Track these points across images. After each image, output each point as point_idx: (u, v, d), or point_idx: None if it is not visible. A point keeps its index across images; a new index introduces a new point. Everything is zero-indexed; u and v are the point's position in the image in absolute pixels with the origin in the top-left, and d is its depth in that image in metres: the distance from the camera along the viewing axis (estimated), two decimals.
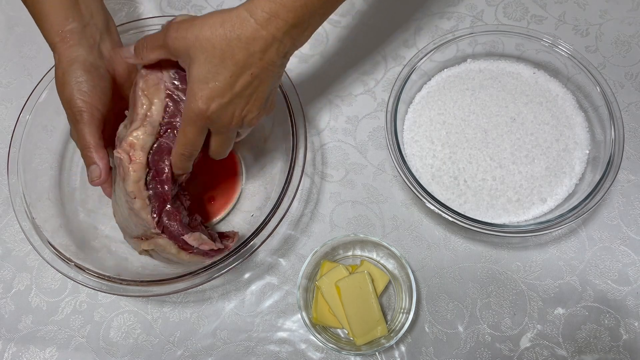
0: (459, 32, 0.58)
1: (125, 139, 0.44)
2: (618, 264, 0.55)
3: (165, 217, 0.46)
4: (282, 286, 0.56)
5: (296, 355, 0.54)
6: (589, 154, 0.56)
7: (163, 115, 0.44)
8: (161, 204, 0.46)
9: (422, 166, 0.57)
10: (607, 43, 0.64)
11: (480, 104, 0.58)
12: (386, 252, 0.53)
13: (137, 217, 0.45)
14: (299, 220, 0.59)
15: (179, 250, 0.47)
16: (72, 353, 0.55)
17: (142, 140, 0.44)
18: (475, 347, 0.53)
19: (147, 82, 0.44)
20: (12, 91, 0.66)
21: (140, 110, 0.44)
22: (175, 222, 0.46)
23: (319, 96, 0.63)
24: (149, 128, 0.44)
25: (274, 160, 0.59)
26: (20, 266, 0.58)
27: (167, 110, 0.44)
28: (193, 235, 0.47)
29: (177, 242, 0.47)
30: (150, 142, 0.44)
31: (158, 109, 0.44)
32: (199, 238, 0.47)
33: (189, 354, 0.54)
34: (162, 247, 0.46)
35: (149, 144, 0.44)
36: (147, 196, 0.45)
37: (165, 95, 0.44)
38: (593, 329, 0.53)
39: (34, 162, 0.56)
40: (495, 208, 0.54)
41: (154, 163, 0.45)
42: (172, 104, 0.45)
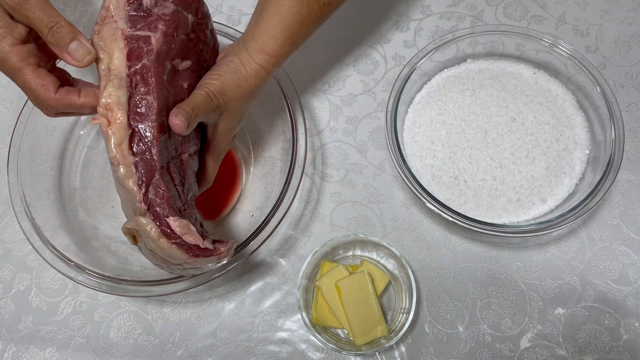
0: (459, 32, 0.58)
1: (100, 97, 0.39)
2: (618, 264, 0.55)
3: (153, 191, 0.40)
4: (282, 286, 0.56)
5: (296, 356, 0.54)
6: (589, 154, 0.56)
7: (127, 64, 0.40)
8: (149, 174, 0.40)
9: (422, 166, 0.57)
10: (607, 43, 0.64)
11: (480, 104, 0.58)
12: (386, 252, 0.53)
13: (123, 189, 0.40)
14: (299, 220, 0.59)
15: (160, 235, 0.39)
16: (72, 353, 0.55)
17: (115, 96, 0.39)
18: (476, 347, 0.53)
19: (101, 36, 0.40)
20: (12, 91, 0.66)
21: (102, 66, 0.40)
22: (163, 201, 0.39)
23: (318, 96, 0.63)
24: (115, 81, 0.39)
25: (274, 160, 0.59)
26: (20, 266, 0.58)
27: (130, 56, 0.40)
28: (179, 221, 0.40)
29: (160, 224, 0.39)
30: (124, 97, 0.39)
31: (119, 59, 0.40)
32: (186, 226, 0.40)
33: (189, 354, 0.54)
34: (143, 227, 0.39)
35: (124, 99, 0.39)
36: (132, 162, 0.39)
37: (124, 42, 0.40)
38: (593, 329, 0.53)
39: (34, 162, 0.56)
40: (496, 208, 0.54)
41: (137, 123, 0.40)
42: (134, 47, 0.40)
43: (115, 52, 0.40)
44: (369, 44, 0.66)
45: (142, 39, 0.41)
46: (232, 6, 0.69)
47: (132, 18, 0.41)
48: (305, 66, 0.65)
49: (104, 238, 0.56)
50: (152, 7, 0.42)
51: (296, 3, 0.45)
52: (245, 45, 0.46)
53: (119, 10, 0.41)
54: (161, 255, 0.41)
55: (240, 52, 0.46)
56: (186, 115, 0.41)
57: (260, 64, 0.46)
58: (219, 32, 0.56)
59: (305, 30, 0.47)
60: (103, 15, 0.41)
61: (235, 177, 0.59)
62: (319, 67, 0.65)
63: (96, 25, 0.41)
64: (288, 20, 0.45)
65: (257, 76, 0.46)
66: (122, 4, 0.41)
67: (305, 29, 0.47)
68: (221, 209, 0.58)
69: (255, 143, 0.61)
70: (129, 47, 0.40)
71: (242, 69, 0.45)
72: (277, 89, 0.55)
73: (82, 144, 0.61)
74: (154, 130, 0.40)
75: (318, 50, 0.65)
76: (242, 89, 0.45)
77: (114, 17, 0.41)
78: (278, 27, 0.45)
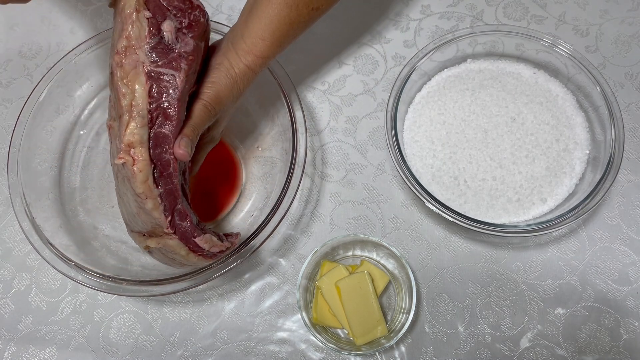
0: (459, 32, 0.58)
1: (121, 139, 0.41)
2: (618, 264, 0.55)
3: (177, 216, 0.44)
4: (282, 286, 0.56)
5: (296, 356, 0.54)
6: (589, 154, 0.56)
7: (149, 101, 0.41)
8: (172, 202, 0.43)
9: (422, 166, 0.57)
10: (607, 43, 0.64)
11: (480, 104, 0.58)
12: (386, 252, 0.53)
13: (148, 216, 0.43)
14: (299, 220, 0.59)
15: (188, 252, 0.45)
16: (72, 353, 0.55)
17: (138, 134, 0.41)
18: (476, 347, 0.53)
19: (123, 69, 0.41)
20: (12, 91, 0.66)
21: (124, 102, 0.41)
22: (187, 222, 0.44)
23: (319, 96, 0.63)
24: (138, 119, 0.41)
25: (274, 160, 0.59)
26: (20, 266, 0.58)
27: (151, 93, 0.41)
28: (204, 238, 0.45)
29: (188, 244, 0.44)
30: (146, 134, 0.41)
31: (142, 96, 0.41)
32: (210, 240, 0.45)
33: (189, 354, 0.54)
34: (172, 248, 0.44)
35: (145, 137, 0.41)
36: (158, 194, 0.42)
37: (146, 77, 0.41)
38: (593, 329, 0.53)
39: (34, 162, 0.56)
40: (496, 208, 0.54)
41: (157, 157, 0.42)
42: (156, 84, 0.41)
43: (137, 88, 0.41)
44: (369, 44, 0.66)
45: (165, 78, 0.42)
46: (232, 6, 0.69)
47: (153, 51, 0.42)
48: (305, 66, 0.65)
49: (104, 238, 0.56)
50: (173, 42, 0.43)
51: (285, 7, 0.46)
52: (233, 46, 0.47)
53: (140, 41, 0.41)
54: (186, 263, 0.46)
55: (228, 52, 0.47)
56: (189, 142, 0.43)
57: (248, 65, 0.46)
58: (218, 32, 0.57)
59: (293, 33, 0.48)
60: (124, 45, 0.41)
61: (235, 177, 0.59)
62: (319, 67, 0.65)
63: (117, 56, 0.41)
64: (277, 23, 0.46)
65: (245, 77, 0.47)
66: (144, 36, 0.41)
67: (293, 32, 0.48)
68: (221, 209, 0.58)
69: (255, 143, 0.61)
70: (151, 83, 0.41)
71: (232, 71, 0.46)
72: (277, 89, 0.55)
73: (82, 144, 0.61)
74: (174, 163, 0.42)
75: (318, 50, 0.65)
76: (234, 92, 0.47)
77: (134, 48, 0.41)
78: (267, 29, 0.46)
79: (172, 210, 0.43)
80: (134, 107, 0.41)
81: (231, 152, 0.60)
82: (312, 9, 0.47)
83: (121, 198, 0.46)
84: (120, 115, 0.41)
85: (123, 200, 0.45)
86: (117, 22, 0.42)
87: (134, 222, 0.46)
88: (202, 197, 0.58)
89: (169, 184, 0.43)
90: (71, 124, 0.61)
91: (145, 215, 0.43)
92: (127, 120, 0.41)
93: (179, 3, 0.42)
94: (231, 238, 0.48)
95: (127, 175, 0.42)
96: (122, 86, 0.41)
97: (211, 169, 0.59)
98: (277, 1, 0.46)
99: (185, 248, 0.44)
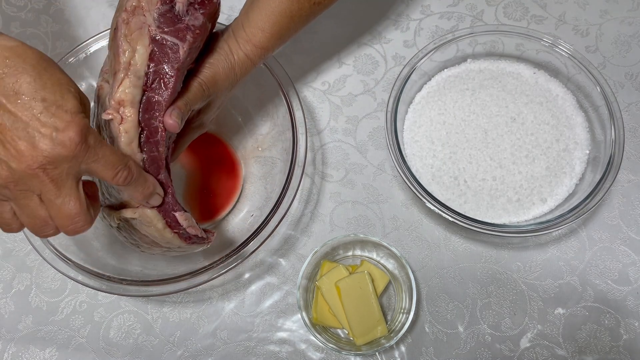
0: (459, 32, 0.58)
1: (112, 95, 0.39)
2: (618, 264, 0.55)
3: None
4: (282, 286, 0.56)
5: (296, 356, 0.54)
6: (589, 154, 0.56)
7: (148, 63, 0.40)
8: (155, 170, 0.41)
9: (422, 166, 0.57)
10: (607, 43, 0.64)
11: (480, 104, 0.58)
12: (386, 252, 0.53)
13: None
14: (299, 220, 0.59)
15: (165, 226, 0.42)
16: (72, 353, 0.55)
17: (131, 94, 0.39)
18: (476, 347, 0.53)
19: (129, 27, 0.40)
20: None
21: (123, 59, 0.39)
22: (169, 196, 0.42)
23: (319, 96, 0.63)
24: (133, 79, 0.39)
25: (274, 160, 0.59)
26: (20, 266, 0.58)
27: (152, 57, 0.40)
28: (184, 215, 0.43)
29: (166, 216, 0.42)
30: (138, 96, 0.40)
31: (142, 57, 0.40)
32: (189, 219, 0.44)
33: (189, 354, 0.54)
34: (149, 219, 0.42)
35: (137, 98, 0.40)
36: (141, 159, 0.40)
37: (150, 40, 0.40)
38: (593, 329, 0.53)
39: None
40: (496, 208, 0.54)
41: (146, 121, 0.40)
42: (158, 49, 0.40)
43: (139, 48, 0.40)
44: (369, 44, 0.66)
45: (168, 45, 0.41)
46: (232, 6, 0.69)
47: (162, 17, 0.41)
48: (305, 66, 0.65)
49: (103, 238, 0.56)
50: (183, 14, 0.42)
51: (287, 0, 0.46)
52: (234, 34, 0.47)
53: (150, 5, 0.40)
54: (159, 241, 0.43)
55: (229, 39, 0.47)
56: (180, 114, 0.42)
57: (247, 54, 0.46)
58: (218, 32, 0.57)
59: (293, 27, 0.48)
60: (134, 4, 0.40)
61: (235, 177, 0.59)
62: (319, 67, 0.65)
63: (124, 13, 0.40)
64: (277, 15, 0.46)
65: (243, 66, 0.47)
66: (155, 1, 0.40)
67: (293, 25, 0.48)
68: (221, 209, 0.58)
69: (255, 143, 0.61)
70: (153, 46, 0.40)
71: (231, 57, 0.46)
72: (277, 88, 0.55)
73: None
74: (162, 131, 0.41)
75: (318, 50, 0.65)
76: (230, 78, 0.46)
77: (143, 10, 0.40)
78: (267, 20, 0.46)
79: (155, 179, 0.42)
80: (131, 65, 0.40)
81: (231, 152, 0.60)
82: (314, 3, 0.47)
83: None
84: (115, 72, 0.40)
85: None
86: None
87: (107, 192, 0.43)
88: (202, 197, 0.58)
89: (154, 151, 0.41)
90: None
91: None
92: (122, 78, 0.39)
93: None
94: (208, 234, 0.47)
95: (112, 135, 0.40)
96: (124, 43, 0.40)
97: (211, 169, 0.59)
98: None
99: (163, 221, 0.42)
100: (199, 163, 0.59)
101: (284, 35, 0.48)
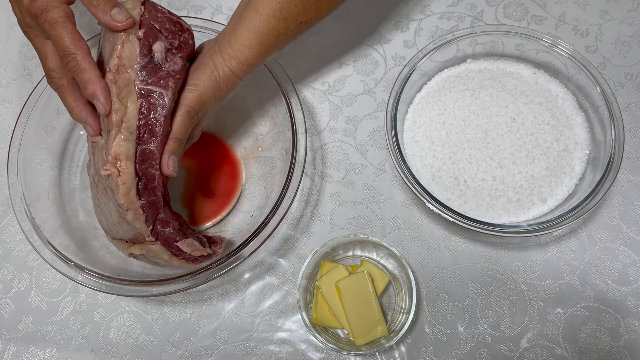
0: (459, 32, 0.58)
1: (107, 150, 0.42)
2: (618, 264, 0.55)
3: (160, 225, 0.46)
4: (282, 286, 0.56)
5: (296, 356, 0.54)
6: (589, 154, 0.56)
7: (139, 117, 0.43)
8: (154, 212, 0.45)
9: (422, 166, 0.57)
10: (607, 43, 0.64)
11: (480, 104, 0.58)
12: (386, 252, 0.53)
13: (130, 226, 0.45)
14: (299, 221, 0.59)
15: (171, 256, 0.47)
16: (72, 353, 0.55)
17: (125, 147, 0.42)
18: (476, 347, 0.53)
19: (118, 86, 0.42)
20: (12, 91, 0.66)
21: (115, 117, 0.42)
22: (169, 229, 0.46)
23: (319, 96, 0.63)
24: (126, 134, 0.42)
25: (274, 160, 0.59)
26: (20, 266, 0.58)
27: (141, 111, 0.43)
28: (186, 242, 0.47)
29: (170, 248, 0.46)
30: (133, 149, 0.43)
31: (133, 113, 0.43)
32: (191, 244, 0.47)
33: (189, 354, 0.54)
34: (155, 253, 0.46)
35: (132, 151, 0.42)
36: (140, 206, 0.44)
37: (137, 95, 0.43)
38: (593, 329, 0.53)
39: (34, 162, 0.56)
40: (495, 208, 0.54)
41: (143, 171, 0.43)
42: (146, 102, 0.43)
43: (129, 105, 0.43)
44: (369, 44, 0.66)
45: (154, 95, 0.43)
46: (232, 6, 0.69)
47: (143, 69, 0.43)
48: (305, 66, 0.65)
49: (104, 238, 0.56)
50: (162, 62, 0.44)
51: (273, 19, 0.46)
52: (220, 49, 0.47)
53: (131, 61, 0.43)
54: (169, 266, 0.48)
55: (215, 54, 0.47)
56: (175, 158, 0.45)
57: (233, 70, 0.47)
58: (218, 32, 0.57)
59: (280, 44, 0.48)
60: (116, 64, 0.42)
61: (235, 177, 0.59)
62: (319, 67, 0.65)
63: (110, 73, 0.42)
64: (264, 34, 0.47)
65: (229, 81, 0.47)
66: (135, 56, 0.43)
67: (280, 43, 0.48)
68: (221, 209, 0.58)
69: (255, 143, 0.61)
70: (142, 101, 0.43)
71: (216, 74, 0.46)
72: (277, 89, 0.55)
73: (82, 144, 0.61)
74: (159, 178, 0.44)
75: (318, 50, 0.65)
76: (216, 96, 0.47)
77: (126, 67, 0.43)
78: (254, 39, 0.46)
79: (154, 220, 0.45)
80: (124, 122, 0.42)
81: (231, 152, 0.60)
82: (300, 23, 0.48)
83: (99, 208, 0.47)
84: (109, 129, 0.43)
85: (103, 210, 0.47)
86: (107, 41, 0.44)
87: (115, 230, 0.47)
88: (202, 197, 0.58)
89: (151, 195, 0.44)
90: (71, 124, 0.61)
91: (127, 225, 0.45)
92: (115, 134, 0.42)
93: (170, 26, 0.45)
94: (215, 246, 0.50)
95: (111, 186, 0.43)
96: (116, 102, 0.42)
97: (211, 169, 0.59)
98: (265, 13, 0.46)
99: (168, 252, 0.46)
100: (199, 163, 0.59)
101: (270, 52, 0.48)
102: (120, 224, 0.46)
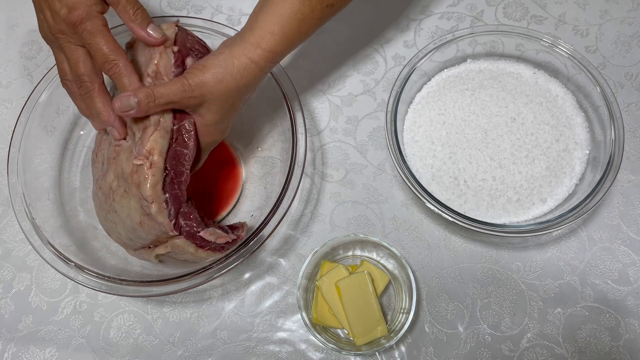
0: (459, 32, 0.58)
1: (143, 144, 0.44)
2: (618, 264, 0.55)
3: (182, 218, 0.46)
4: (282, 286, 0.56)
5: (296, 356, 0.54)
6: (589, 154, 0.56)
7: (173, 121, 0.45)
8: (177, 206, 0.46)
9: (422, 166, 0.57)
10: (607, 43, 0.64)
11: (480, 104, 0.58)
12: (386, 252, 0.53)
13: (152, 222, 0.45)
14: (299, 220, 0.59)
15: (196, 248, 0.47)
16: (72, 353, 0.55)
17: (161, 144, 0.44)
18: (476, 347, 0.53)
19: None
20: (12, 91, 0.66)
21: (153, 118, 0.45)
22: (191, 221, 0.46)
23: (318, 96, 0.63)
24: (162, 132, 0.44)
25: (274, 160, 0.59)
26: (20, 266, 0.58)
27: (175, 115, 0.46)
28: (208, 231, 0.47)
29: (194, 240, 0.47)
30: (166, 146, 0.45)
31: (169, 116, 0.45)
32: (214, 232, 0.47)
33: (189, 354, 0.54)
34: (180, 247, 0.46)
35: (165, 148, 0.44)
36: (164, 200, 0.44)
37: None
38: (593, 329, 0.53)
39: (34, 162, 0.56)
40: (495, 208, 0.54)
41: (172, 166, 0.45)
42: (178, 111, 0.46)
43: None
44: (368, 44, 0.66)
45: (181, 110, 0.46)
46: (232, 6, 0.69)
47: None
48: (305, 66, 0.65)
49: (104, 238, 0.56)
50: None
51: (298, 2, 0.45)
52: (241, 38, 0.46)
53: (166, 69, 0.46)
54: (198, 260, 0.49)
55: (233, 44, 0.46)
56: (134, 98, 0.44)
57: (252, 58, 0.45)
58: (218, 32, 0.57)
59: (304, 30, 0.46)
60: (154, 70, 0.46)
61: (235, 177, 0.59)
62: (319, 67, 0.65)
63: (148, 77, 0.46)
64: (287, 18, 0.45)
65: (245, 71, 0.45)
66: (170, 66, 0.46)
67: (305, 28, 0.46)
68: (221, 209, 0.58)
69: (255, 143, 0.61)
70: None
71: (230, 62, 0.45)
72: (277, 89, 0.55)
73: (82, 144, 0.61)
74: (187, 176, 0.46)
75: (318, 51, 0.65)
76: (226, 82, 0.45)
77: (162, 74, 0.46)
78: (277, 23, 0.45)
79: (177, 213, 0.46)
80: (161, 123, 0.45)
81: (231, 152, 0.60)
82: (326, 5, 0.46)
83: (115, 220, 0.48)
84: (145, 127, 0.45)
85: (120, 217, 0.47)
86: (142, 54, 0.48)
87: (136, 238, 0.48)
88: (202, 197, 0.58)
89: (176, 189, 0.46)
90: (71, 124, 0.61)
91: (150, 221, 0.45)
92: (153, 131, 0.44)
93: (199, 47, 0.49)
94: (237, 231, 0.50)
95: (137, 181, 0.44)
96: None
97: (211, 169, 0.59)
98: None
99: (193, 245, 0.47)
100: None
101: (294, 38, 0.46)
102: (141, 224, 0.46)
